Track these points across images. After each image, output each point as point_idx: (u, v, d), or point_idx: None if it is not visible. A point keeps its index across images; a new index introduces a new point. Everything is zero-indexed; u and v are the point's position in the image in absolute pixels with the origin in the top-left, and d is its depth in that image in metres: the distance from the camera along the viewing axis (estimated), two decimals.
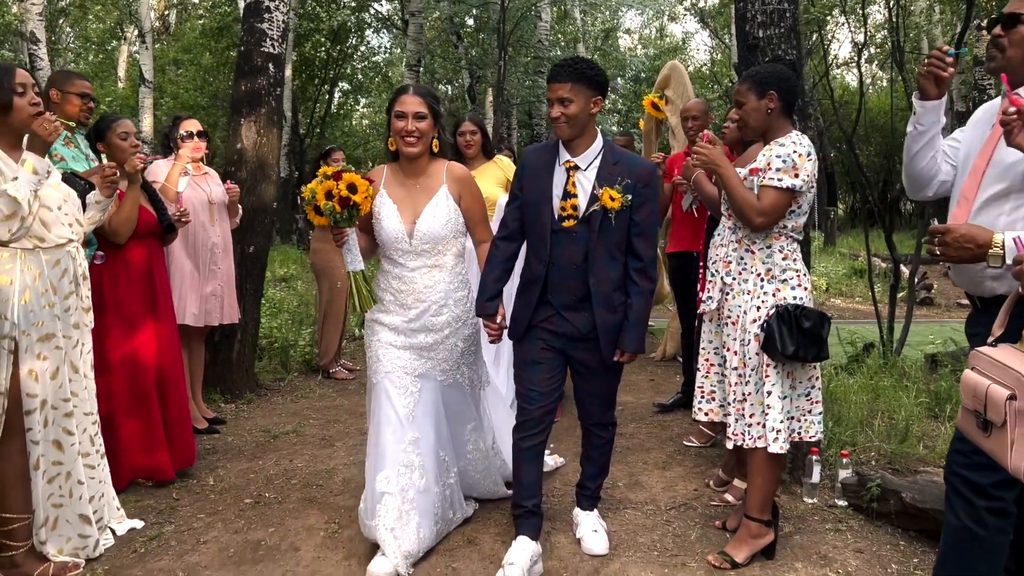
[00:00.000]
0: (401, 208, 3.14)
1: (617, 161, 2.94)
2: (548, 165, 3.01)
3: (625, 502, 3.65)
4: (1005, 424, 1.66)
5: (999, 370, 1.74)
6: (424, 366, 3.19)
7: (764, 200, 2.93)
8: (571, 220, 2.93)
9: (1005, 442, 1.66)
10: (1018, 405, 1.63)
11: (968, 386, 1.86)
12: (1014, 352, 1.76)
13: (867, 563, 3.04)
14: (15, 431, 2.91)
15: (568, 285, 2.97)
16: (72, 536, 3.06)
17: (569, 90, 2.85)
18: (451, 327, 3.20)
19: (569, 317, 2.99)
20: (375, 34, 19.81)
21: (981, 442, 1.80)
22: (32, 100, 2.84)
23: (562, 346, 3.04)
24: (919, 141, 2.51)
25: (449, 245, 3.19)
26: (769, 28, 3.76)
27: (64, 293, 3.03)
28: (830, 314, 3.88)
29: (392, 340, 3.19)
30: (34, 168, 2.82)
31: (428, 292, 3.15)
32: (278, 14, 5.38)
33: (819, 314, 2.97)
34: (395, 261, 3.18)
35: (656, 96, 7.06)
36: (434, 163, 3.22)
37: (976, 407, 1.79)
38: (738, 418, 3.03)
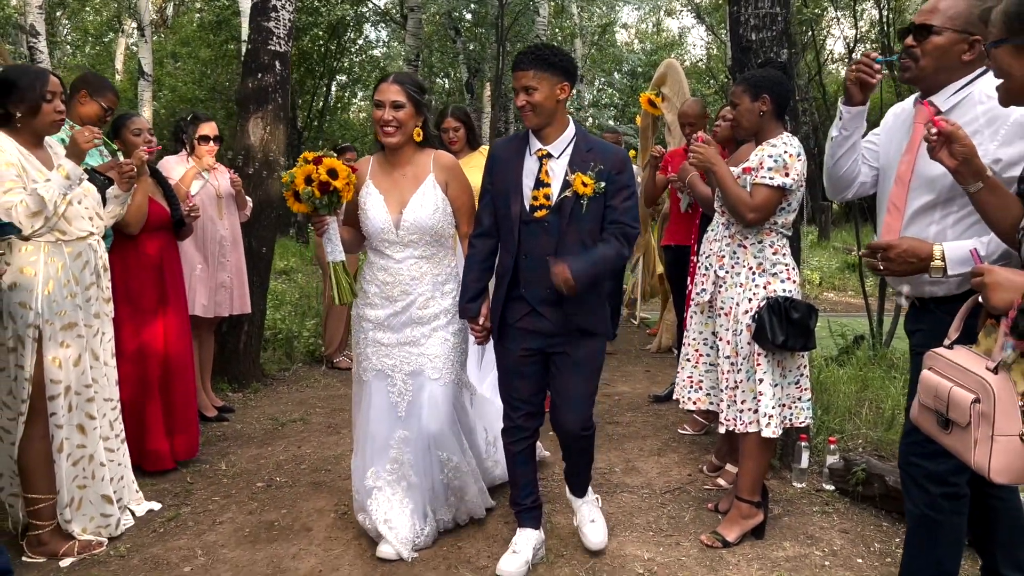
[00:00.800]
0: (387, 198, 3.06)
1: (590, 148, 2.86)
2: (518, 154, 2.92)
3: (622, 486, 3.80)
4: (969, 425, 1.76)
5: (960, 373, 1.82)
6: (414, 363, 3.10)
7: (756, 197, 3.08)
8: (543, 210, 2.83)
9: (968, 441, 1.76)
10: (981, 408, 1.74)
11: (929, 387, 1.93)
12: (970, 355, 1.86)
13: (851, 542, 3.21)
14: (39, 415, 3.06)
15: (541, 277, 2.82)
16: (95, 515, 3.21)
17: (532, 77, 2.75)
18: (439, 320, 3.11)
19: (544, 312, 2.88)
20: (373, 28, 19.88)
21: (941, 439, 1.91)
22: (57, 108, 2.98)
23: (541, 345, 2.94)
24: (843, 146, 2.58)
25: (437, 236, 3.10)
26: (762, 31, 3.91)
27: (85, 284, 3.17)
28: (823, 308, 4.04)
29: (381, 338, 3.12)
30: (68, 174, 2.96)
31: (415, 284, 3.08)
32: (284, 13, 5.50)
33: (807, 306, 3.13)
34: (381, 252, 3.11)
35: (653, 94, 7.21)
36: (421, 152, 3.13)
37: (938, 407, 1.88)
38: (730, 404, 3.19)
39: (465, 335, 3.19)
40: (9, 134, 2.99)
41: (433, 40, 17.65)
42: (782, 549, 3.15)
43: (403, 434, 3.08)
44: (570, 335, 2.90)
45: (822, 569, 3.00)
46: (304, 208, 2.94)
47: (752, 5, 3.93)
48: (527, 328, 2.93)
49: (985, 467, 1.71)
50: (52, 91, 2.97)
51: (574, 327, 2.89)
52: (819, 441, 4.06)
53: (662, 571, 2.98)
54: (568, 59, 2.85)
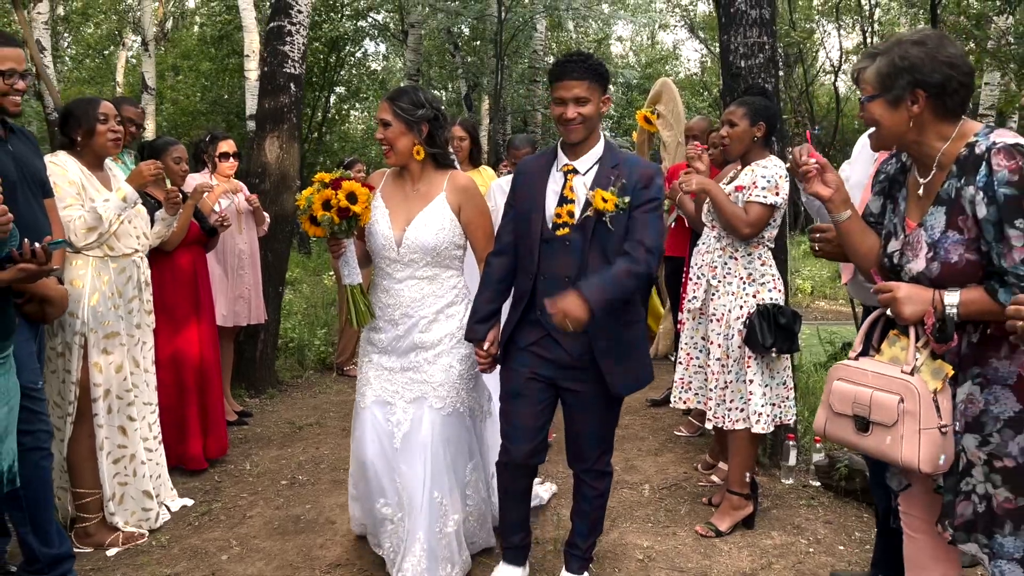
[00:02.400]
0: (394, 214, 2.94)
1: (616, 164, 2.71)
2: (543, 170, 2.79)
3: (622, 483, 4.07)
4: (895, 424, 1.98)
5: (877, 379, 2.05)
6: (417, 390, 2.93)
7: (751, 214, 3.37)
8: (565, 228, 2.68)
9: (892, 439, 1.99)
10: (907, 407, 1.98)
11: (846, 396, 2.11)
12: (878, 363, 2.11)
13: (834, 531, 3.48)
14: (85, 417, 3.33)
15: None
16: (136, 510, 3.47)
17: (586, 88, 2.60)
18: (444, 344, 2.94)
19: (560, 339, 2.70)
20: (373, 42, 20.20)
21: (858, 442, 2.11)
22: (112, 128, 3.26)
23: (551, 374, 2.76)
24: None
25: (441, 258, 2.93)
26: (750, 59, 4.20)
27: (128, 297, 3.44)
28: (814, 316, 4.34)
29: (384, 362, 2.98)
30: (125, 196, 3.24)
31: (416, 307, 2.93)
32: (299, 37, 5.80)
33: (792, 312, 3.42)
34: (383, 271, 2.98)
35: (648, 111, 7.51)
36: (436, 172, 2.99)
37: (858, 412, 2.08)
38: (719, 403, 3.46)
39: (473, 360, 2.97)
40: (73, 156, 3.29)
41: (432, 54, 17.97)
42: (770, 538, 3.42)
43: (401, 468, 2.92)
44: (586, 369, 2.72)
45: (807, 556, 3.27)
46: (321, 232, 2.86)
47: (741, 34, 4.23)
48: (539, 354, 2.76)
49: (915, 459, 1.96)
50: (104, 113, 3.26)
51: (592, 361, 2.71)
52: (806, 440, 4.34)
53: (660, 557, 3.25)
54: (608, 70, 2.74)
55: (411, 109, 2.87)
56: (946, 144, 2.03)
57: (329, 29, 16.30)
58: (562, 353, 2.73)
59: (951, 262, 1.97)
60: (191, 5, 24.57)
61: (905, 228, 2.13)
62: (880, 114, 2.05)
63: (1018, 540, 1.95)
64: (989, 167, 1.91)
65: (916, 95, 1.99)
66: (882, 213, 2.26)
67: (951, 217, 1.99)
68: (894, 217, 2.19)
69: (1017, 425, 1.94)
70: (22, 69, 2.71)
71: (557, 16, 15.28)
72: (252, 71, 13.05)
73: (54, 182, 3.09)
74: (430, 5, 13.65)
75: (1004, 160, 1.88)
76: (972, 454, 1.99)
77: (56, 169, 3.19)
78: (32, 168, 2.80)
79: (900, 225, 2.14)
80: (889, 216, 2.22)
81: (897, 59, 1.99)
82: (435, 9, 13.79)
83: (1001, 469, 1.95)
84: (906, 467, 2.01)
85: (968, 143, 1.99)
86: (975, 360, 2.00)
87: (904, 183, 2.20)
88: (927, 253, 2.02)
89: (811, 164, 2.18)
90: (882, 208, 2.27)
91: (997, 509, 1.96)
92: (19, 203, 2.63)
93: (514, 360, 2.82)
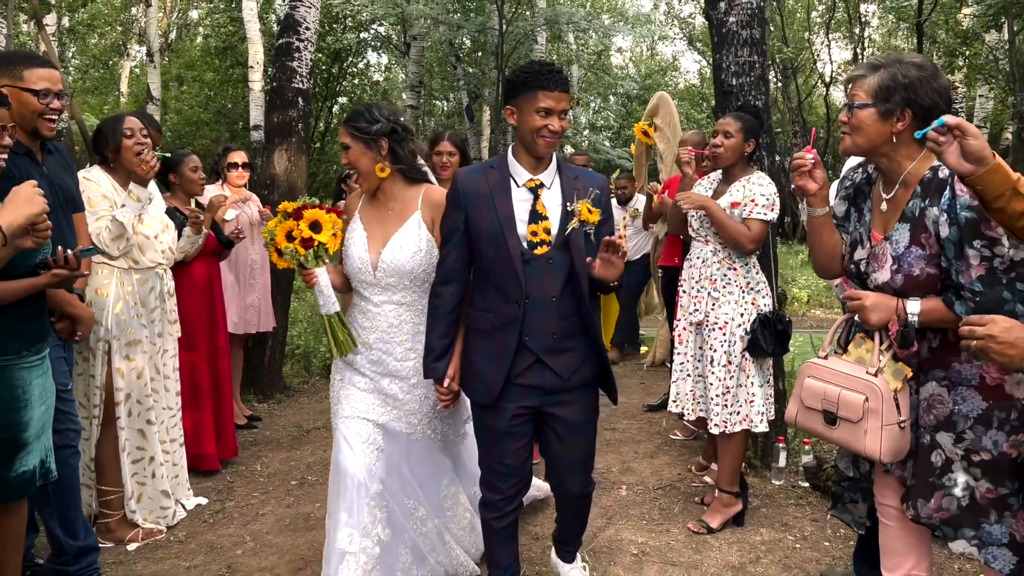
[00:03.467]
0: (371, 235, 2.84)
1: (576, 176, 2.70)
2: (501, 187, 2.63)
3: (618, 483, 4.24)
4: (861, 420, 2.17)
5: (844, 378, 2.24)
6: (388, 415, 2.88)
7: (754, 230, 3.56)
8: (544, 247, 2.59)
9: (857, 433, 2.19)
10: (870, 405, 2.17)
11: (815, 392, 2.32)
12: (845, 363, 2.30)
13: (820, 528, 3.65)
14: (111, 418, 3.51)
15: (546, 323, 2.62)
16: (154, 508, 3.64)
17: (567, 100, 2.58)
18: (419, 375, 2.83)
19: (551, 362, 2.63)
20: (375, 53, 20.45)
21: (827, 434, 2.31)
22: (138, 140, 3.42)
23: (538, 403, 2.69)
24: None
25: (419, 281, 2.83)
26: (741, 77, 4.39)
27: (151, 307, 3.62)
28: (810, 324, 4.52)
29: (357, 382, 2.89)
30: (137, 197, 3.42)
31: (393, 332, 2.84)
32: (307, 53, 5.99)
33: (787, 319, 3.63)
34: (361, 294, 2.90)
35: (646, 124, 7.70)
36: (409, 187, 2.88)
37: (826, 408, 2.28)
38: (724, 407, 3.61)
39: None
40: (107, 172, 3.49)
41: (434, 65, 18.21)
42: (759, 535, 3.59)
43: (377, 488, 2.81)
44: (573, 390, 2.70)
45: (793, 551, 3.44)
46: (289, 264, 2.80)
47: (732, 53, 4.42)
48: (527, 384, 2.66)
49: (876, 451, 2.15)
50: (129, 127, 3.43)
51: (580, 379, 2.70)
52: (796, 444, 4.51)
53: (653, 552, 3.41)
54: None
55: (366, 127, 2.78)
56: (912, 164, 2.22)
57: (332, 41, 16.53)
58: (551, 377, 2.65)
59: (913, 275, 2.16)
60: (194, 16, 24.85)
61: (871, 239, 2.31)
62: (868, 122, 2.20)
63: (1003, 527, 2.13)
64: (952, 192, 2.10)
65: (904, 113, 2.17)
66: (845, 217, 2.45)
67: (915, 234, 2.18)
68: (859, 226, 2.38)
69: (986, 421, 2.12)
70: (57, 90, 2.83)
71: (557, 29, 15.51)
72: (256, 82, 13.30)
73: (87, 196, 3.28)
74: (432, 18, 13.87)
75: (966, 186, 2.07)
76: (950, 451, 2.17)
77: (90, 184, 3.38)
78: (64, 185, 2.96)
79: (866, 235, 2.33)
80: (854, 224, 2.41)
81: (899, 76, 2.16)
82: (437, 22, 14.02)
83: (979, 463, 2.13)
84: (869, 457, 2.20)
85: (932, 167, 2.18)
86: (937, 363, 2.18)
87: (869, 195, 2.38)
88: (892, 265, 2.20)
89: (807, 159, 2.36)
90: (846, 213, 2.45)
91: (981, 500, 2.14)
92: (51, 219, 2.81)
93: (504, 398, 2.66)
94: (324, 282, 2.83)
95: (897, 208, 2.26)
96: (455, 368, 2.75)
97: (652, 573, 3.24)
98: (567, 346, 2.64)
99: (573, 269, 2.60)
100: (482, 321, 2.68)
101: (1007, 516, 2.13)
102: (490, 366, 2.65)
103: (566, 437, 2.72)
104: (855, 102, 2.23)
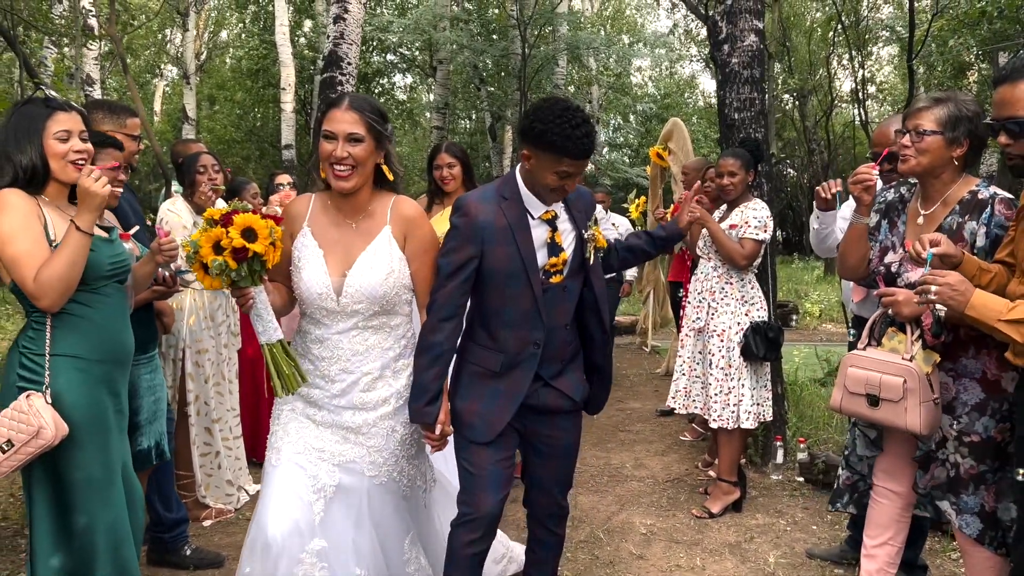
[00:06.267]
0: (329, 255, 2.40)
1: (577, 196, 2.61)
2: (520, 222, 2.46)
3: (631, 477, 4.72)
4: (901, 399, 2.58)
5: (884, 365, 2.66)
6: (349, 453, 2.45)
7: (747, 248, 4.06)
8: (559, 275, 2.52)
9: (899, 410, 2.58)
10: (909, 386, 2.58)
11: (859, 379, 2.74)
12: (883, 352, 2.74)
13: (810, 515, 4.11)
14: (184, 416, 4.04)
15: (558, 351, 2.58)
16: (221, 495, 4.16)
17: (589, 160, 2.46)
18: (388, 406, 2.48)
19: (559, 384, 2.58)
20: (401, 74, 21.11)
21: (870, 415, 2.73)
22: (210, 176, 3.97)
23: (531, 423, 2.60)
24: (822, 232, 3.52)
25: (390, 304, 2.45)
26: (742, 112, 4.89)
27: (219, 321, 4.14)
28: (820, 338, 4.99)
29: (311, 413, 2.46)
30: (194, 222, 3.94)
31: (358, 361, 2.43)
32: (348, 87, 6.56)
33: (778, 327, 4.10)
34: (317, 321, 2.44)
35: (661, 148, 8.21)
36: (378, 197, 2.47)
37: (869, 391, 2.71)
38: (724, 407, 4.09)
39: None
40: (186, 201, 4.03)
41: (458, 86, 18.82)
42: (755, 519, 4.06)
43: (320, 545, 2.37)
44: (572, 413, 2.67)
45: (784, 533, 3.90)
46: (218, 284, 2.26)
47: (735, 91, 4.92)
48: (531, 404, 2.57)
49: (917, 425, 2.55)
50: (204, 165, 3.98)
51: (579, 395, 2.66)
52: (793, 444, 4.97)
53: (660, 532, 3.89)
54: None
55: (381, 121, 2.39)
56: (953, 187, 2.66)
57: (362, 64, 17.20)
58: (556, 397, 2.60)
59: None
60: (224, 37, 25.68)
61: (904, 246, 2.73)
62: (935, 147, 2.60)
63: (976, 498, 2.57)
64: (992, 210, 2.56)
65: (965, 141, 2.60)
66: (876, 228, 2.89)
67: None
68: (891, 235, 2.82)
69: (981, 409, 2.56)
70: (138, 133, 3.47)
71: (578, 54, 16.06)
72: (288, 103, 13.98)
73: (171, 226, 3.82)
74: (458, 43, 14.46)
75: (1004, 208, 2.55)
76: (947, 431, 2.63)
77: (172, 215, 3.93)
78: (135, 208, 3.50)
79: (899, 243, 2.76)
80: (885, 234, 2.85)
81: (964, 109, 2.58)
82: (462, 46, 14.61)
83: (968, 443, 2.57)
84: (910, 432, 2.60)
85: (971, 190, 2.63)
86: (947, 356, 2.62)
87: (903, 211, 2.82)
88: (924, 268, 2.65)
89: (873, 175, 2.81)
90: (876, 224, 2.89)
91: (963, 474, 2.58)
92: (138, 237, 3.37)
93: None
94: (263, 302, 2.34)
95: (934, 222, 2.67)
96: (446, 412, 2.48)
97: (658, 549, 3.71)
98: (572, 367, 2.64)
99: (582, 294, 2.62)
100: (489, 361, 2.52)
101: (981, 489, 2.56)
102: (496, 404, 2.50)
103: (547, 456, 2.66)
104: (925, 129, 2.59)
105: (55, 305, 2.39)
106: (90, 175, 2.39)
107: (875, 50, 22.46)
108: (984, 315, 2.24)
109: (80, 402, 2.44)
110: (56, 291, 2.35)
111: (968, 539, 2.60)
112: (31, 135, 2.44)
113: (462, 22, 14.95)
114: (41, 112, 2.46)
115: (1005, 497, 2.55)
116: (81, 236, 2.37)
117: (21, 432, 2.31)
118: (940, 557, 3.60)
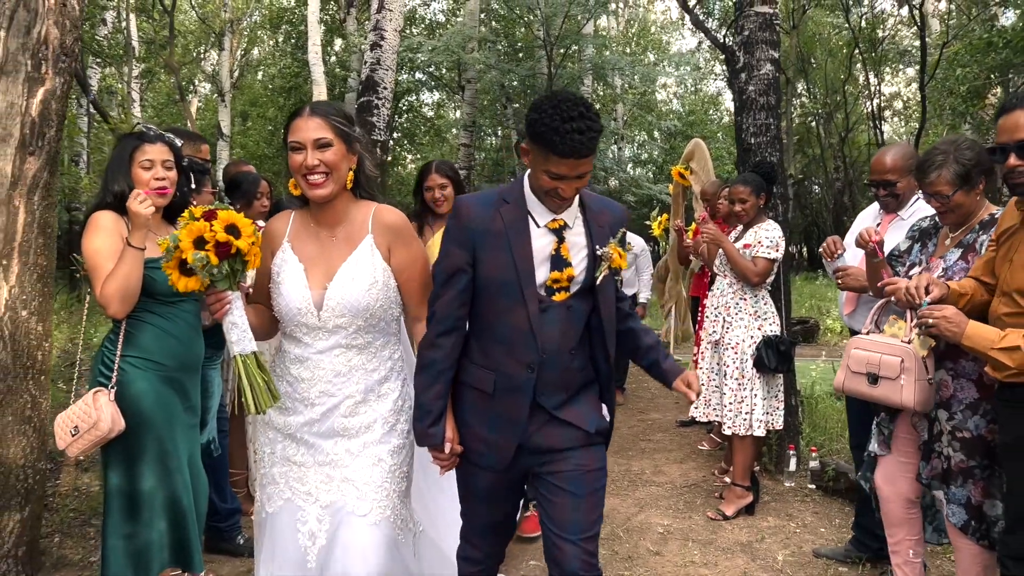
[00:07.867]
0: (309, 268, 2.30)
1: (602, 209, 2.34)
2: (517, 227, 2.22)
3: (651, 482, 4.99)
4: (898, 377, 2.83)
5: (884, 347, 2.93)
6: (336, 491, 2.30)
7: (760, 266, 4.34)
8: (564, 292, 2.25)
9: (896, 387, 2.83)
10: (906, 365, 2.83)
11: (860, 359, 3.00)
12: (883, 337, 3.01)
13: (819, 518, 4.36)
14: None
15: (561, 379, 2.28)
16: None
17: (587, 163, 2.13)
18: (372, 432, 2.33)
19: (566, 415, 2.29)
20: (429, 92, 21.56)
21: (869, 392, 2.98)
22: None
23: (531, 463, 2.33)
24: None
25: (375, 320, 2.32)
26: (758, 137, 5.17)
27: None
28: (840, 353, 5.25)
29: (293, 454, 2.35)
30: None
31: (340, 383, 2.31)
32: (383, 109, 6.94)
33: (789, 341, 4.36)
34: (297, 339, 2.33)
35: (683, 167, 8.50)
36: (357, 206, 2.36)
37: (869, 370, 2.96)
38: (737, 414, 4.36)
39: (408, 454, 2.42)
40: None
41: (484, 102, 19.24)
42: (766, 521, 4.31)
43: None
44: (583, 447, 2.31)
45: (794, 534, 4.15)
46: (196, 284, 2.22)
47: (751, 116, 5.20)
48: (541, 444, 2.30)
49: (911, 401, 2.80)
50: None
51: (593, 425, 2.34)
52: (805, 452, 5.21)
53: (677, 532, 4.16)
54: None
55: (347, 124, 2.31)
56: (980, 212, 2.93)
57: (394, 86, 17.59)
58: (569, 433, 2.30)
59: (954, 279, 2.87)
60: (256, 54, 26.33)
61: (929, 261, 3.02)
62: (961, 201, 2.87)
63: (964, 491, 2.81)
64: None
65: (981, 181, 2.88)
66: (907, 251, 3.15)
67: (964, 254, 2.88)
68: (921, 255, 3.09)
69: (974, 408, 2.80)
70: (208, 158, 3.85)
71: (603, 73, 16.39)
72: None
73: None
74: (485, 64, 14.83)
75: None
76: (943, 425, 2.87)
77: None
78: None
79: (926, 260, 3.04)
80: (916, 255, 3.12)
81: (966, 161, 2.84)
82: (489, 67, 14.99)
83: (960, 438, 2.81)
84: (904, 407, 2.85)
85: (991, 213, 2.90)
86: (948, 356, 2.86)
87: (934, 235, 3.09)
88: (940, 274, 2.90)
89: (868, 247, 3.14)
90: (908, 248, 3.16)
91: (954, 467, 2.82)
92: None
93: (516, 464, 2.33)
94: (238, 310, 2.25)
95: (956, 240, 2.95)
96: (453, 429, 2.32)
97: (674, 547, 3.98)
98: (585, 396, 2.36)
99: (592, 316, 2.33)
100: (482, 380, 2.29)
101: (969, 483, 2.80)
102: (496, 430, 2.28)
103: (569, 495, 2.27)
104: (946, 194, 2.85)
105: (119, 312, 2.75)
106: (135, 198, 2.72)
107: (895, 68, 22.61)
108: (978, 344, 2.49)
109: (146, 398, 2.80)
110: (116, 300, 2.70)
111: (954, 528, 2.85)
112: (122, 164, 2.82)
113: (489, 43, 15.34)
114: (132, 143, 2.84)
115: (992, 495, 2.79)
116: (132, 251, 2.71)
117: (83, 422, 2.71)
118: (940, 558, 3.83)
